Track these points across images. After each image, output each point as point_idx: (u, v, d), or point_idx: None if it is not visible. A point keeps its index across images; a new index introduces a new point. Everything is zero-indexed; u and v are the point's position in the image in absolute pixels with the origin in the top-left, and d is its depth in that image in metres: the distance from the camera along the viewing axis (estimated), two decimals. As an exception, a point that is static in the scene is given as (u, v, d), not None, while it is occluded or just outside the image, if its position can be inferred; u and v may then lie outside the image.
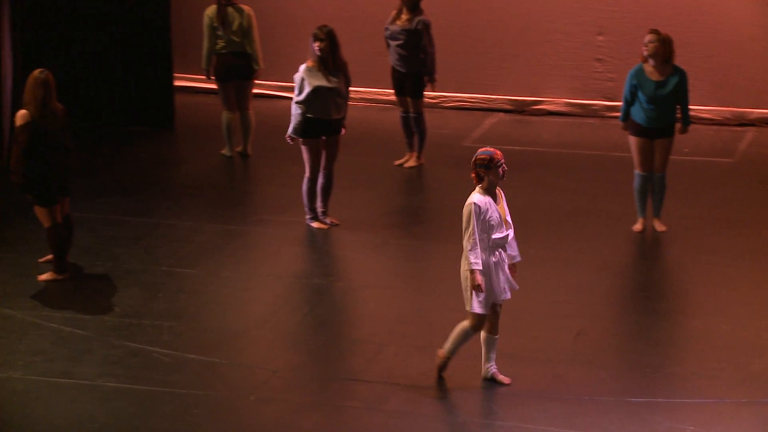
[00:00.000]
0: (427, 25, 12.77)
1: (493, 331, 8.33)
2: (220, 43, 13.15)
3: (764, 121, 14.37)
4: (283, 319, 9.55)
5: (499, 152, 8.19)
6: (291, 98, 11.19)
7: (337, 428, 7.91)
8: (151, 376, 8.56)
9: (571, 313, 9.47)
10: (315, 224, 11.40)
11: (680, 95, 10.93)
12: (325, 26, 11.08)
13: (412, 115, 13.06)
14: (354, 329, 9.51)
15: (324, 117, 11.09)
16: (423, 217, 12.01)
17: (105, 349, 8.95)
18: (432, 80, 12.92)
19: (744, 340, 9.01)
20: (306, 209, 11.43)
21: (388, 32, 12.92)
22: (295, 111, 11.08)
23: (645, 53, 10.87)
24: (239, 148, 13.53)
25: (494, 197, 8.21)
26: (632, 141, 11.10)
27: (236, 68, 13.20)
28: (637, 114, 10.98)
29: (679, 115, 11.05)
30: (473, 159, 8.23)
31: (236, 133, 13.45)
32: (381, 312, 9.70)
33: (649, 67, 10.90)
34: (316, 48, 10.97)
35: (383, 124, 14.54)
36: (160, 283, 10.12)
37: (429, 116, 13.31)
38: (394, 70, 13.02)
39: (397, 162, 13.22)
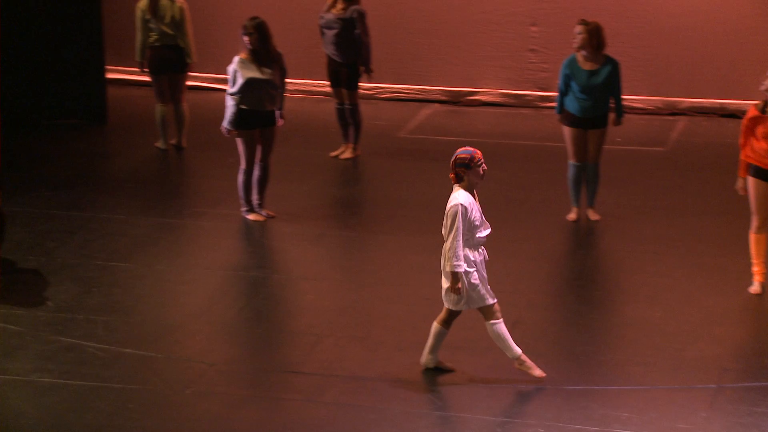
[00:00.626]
0: (362, 15, 12.75)
1: (447, 325, 8.35)
2: (153, 36, 13.07)
3: (695, 111, 14.53)
4: (220, 312, 9.51)
5: (478, 152, 8.13)
6: (226, 90, 11.15)
7: (275, 421, 7.90)
8: (85, 371, 8.49)
9: (508, 302, 9.51)
10: (251, 216, 11.37)
11: (613, 86, 11.02)
12: (255, 18, 11.04)
13: (347, 106, 13.05)
14: (292, 321, 9.50)
15: (258, 109, 11.06)
16: (359, 208, 12.02)
17: (39, 344, 8.86)
18: (368, 71, 12.90)
19: (677, 327, 9.12)
20: (242, 201, 11.39)
21: (323, 20, 12.89)
22: (229, 103, 11.04)
23: (574, 45, 10.94)
24: (173, 141, 13.46)
25: (474, 196, 8.17)
26: (566, 131, 11.17)
27: (169, 61, 13.12)
28: (571, 104, 11.05)
29: (612, 106, 11.14)
30: (453, 159, 8.14)
31: (170, 126, 13.38)
32: (319, 304, 9.70)
33: (581, 57, 10.97)
34: (246, 41, 10.94)
35: (318, 116, 14.52)
36: (95, 278, 10.04)
37: (364, 107, 13.31)
38: (329, 60, 12.99)
39: (333, 153, 13.21)
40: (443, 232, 8.15)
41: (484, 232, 8.22)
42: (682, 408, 7.93)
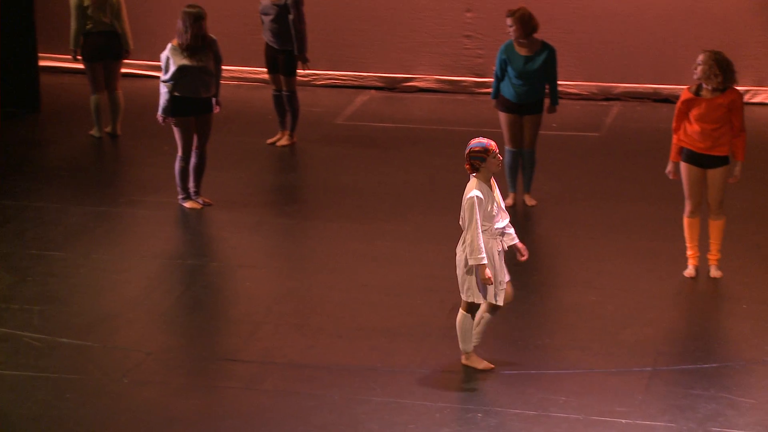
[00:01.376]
0: (297, 1, 12.71)
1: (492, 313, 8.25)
2: (89, 23, 12.94)
3: (629, 96, 14.64)
4: (157, 300, 9.46)
5: (492, 142, 8.07)
6: (158, 77, 11.07)
7: (213, 409, 7.87)
8: (21, 361, 8.41)
9: (447, 288, 9.54)
10: (188, 204, 11.31)
11: (549, 72, 11.07)
12: (193, 6, 10.96)
13: (284, 93, 13.01)
14: (230, 309, 9.47)
15: (193, 96, 11.00)
16: (297, 195, 11.99)
17: (-26, 335, 8.78)
18: (303, 59, 12.88)
19: (613, 311, 9.20)
20: (179, 189, 11.32)
21: (261, 7, 12.85)
22: (163, 90, 10.97)
23: (512, 36, 10.95)
24: (108, 129, 13.34)
25: (490, 186, 8.11)
26: (502, 117, 11.21)
27: (105, 48, 13.01)
28: (507, 90, 11.09)
29: (548, 92, 11.20)
30: (467, 150, 8.07)
31: (105, 114, 13.27)
32: (257, 291, 9.67)
33: (518, 43, 11.01)
34: (180, 27, 10.88)
35: (255, 103, 14.46)
36: (29, 267, 9.94)
37: (301, 94, 13.27)
38: (267, 47, 12.94)
39: (270, 141, 13.17)
40: (461, 225, 8.08)
41: (502, 222, 8.13)
42: (618, 391, 8.00)
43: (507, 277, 8.22)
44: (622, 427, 7.59)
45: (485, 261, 7.97)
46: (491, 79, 11.27)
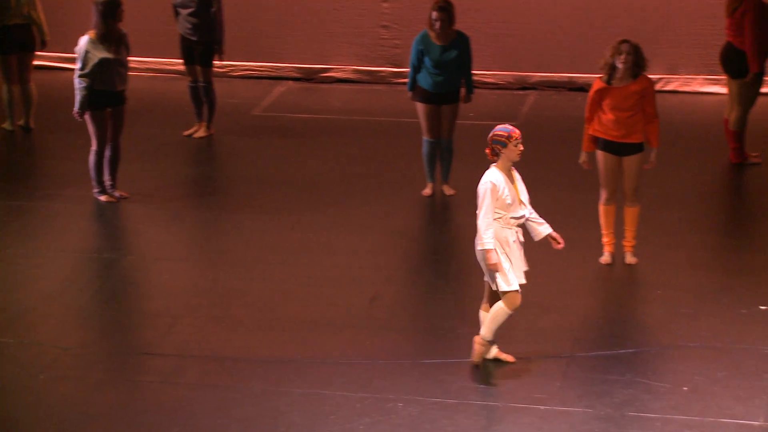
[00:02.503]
0: (219, -8, 12.69)
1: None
2: (5, 15, 12.77)
3: (545, 85, 14.75)
4: (74, 295, 9.36)
5: (517, 130, 8.03)
6: (73, 70, 10.94)
7: (132, 404, 7.81)
8: (-65, 359, 8.28)
9: (365, 278, 9.56)
10: (103, 198, 11.20)
11: (464, 62, 11.12)
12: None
13: (201, 84, 12.94)
14: (147, 303, 9.40)
15: (109, 89, 10.90)
16: (214, 187, 11.93)
17: None
18: (220, 51, 12.84)
19: (531, 298, 9.25)
20: (93, 183, 11.21)
21: (178, 0, 12.78)
22: (79, 85, 10.84)
23: (436, 28, 10.96)
24: (21, 122, 13.17)
25: (509, 176, 8.06)
26: (419, 107, 11.24)
27: (21, 40, 12.85)
28: (424, 80, 11.12)
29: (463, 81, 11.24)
30: (490, 134, 8.05)
31: (17, 106, 13.10)
32: (175, 284, 9.61)
33: (434, 33, 11.04)
34: (102, 20, 10.78)
35: (170, 95, 14.36)
36: (-57, 263, 9.80)
37: (217, 85, 13.20)
38: (183, 39, 12.86)
39: (186, 132, 13.09)
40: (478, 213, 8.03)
41: (520, 212, 8.09)
42: (537, 378, 8.07)
43: (525, 268, 8.18)
44: (541, 413, 7.65)
45: (491, 246, 7.92)
46: (408, 70, 11.29)
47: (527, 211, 8.14)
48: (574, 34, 14.57)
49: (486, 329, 8.13)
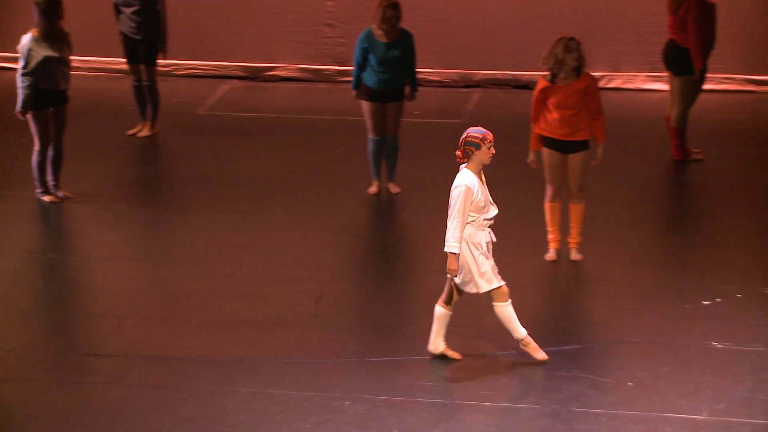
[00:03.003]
0: (163, -9, 12.62)
1: (449, 307, 8.21)
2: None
3: (489, 82, 14.80)
4: (17, 296, 9.27)
5: (490, 133, 7.99)
6: (13, 69, 10.83)
7: (76, 405, 7.75)
8: None
9: (312, 276, 9.55)
10: (47, 198, 11.10)
11: (408, 59, 11.13)
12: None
13: (145, 83, 12.86)
14: (92, 303, 9.33)
15: (52, 87, 10.82)
16: (159, 187, 11.86)
17: None
18: (163, 50, 12.77)
19: (477, 296, 9.27)
20: (36, 183, 11.11)
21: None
22: (22, 83, 10.74)
23: (390, 24, 10.94)
24: (-38, 122, 13.04)
25: (480, 178, 8.04)
26: (365, 106, 11.24)
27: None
28: (369, 78, 11.12)
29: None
30: (463, 136, 7.99)
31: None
32: (120, 284, 9.55)
33: (378, 30, 11.04)
34: (44, 19, 10.69)
35: (114, 94, 14.26)
36: None
37: (161, 84, 13.12)
38: (126, 38, 12.78)
39: (131, 132, 13.00)
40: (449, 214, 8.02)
41: (491, 213, 8.10)
42: (483, 374, 8.10)
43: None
44: (488, 410, 7.68)
45: (456, 251, 7.94)
46: (353, 68, 11.27)
47: (497, 212, 8.18)
48: (519, 32, 14.63)
49: (512, 331, 8.15)
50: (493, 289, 8.12)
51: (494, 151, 8.06)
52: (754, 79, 14.35)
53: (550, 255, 9.93)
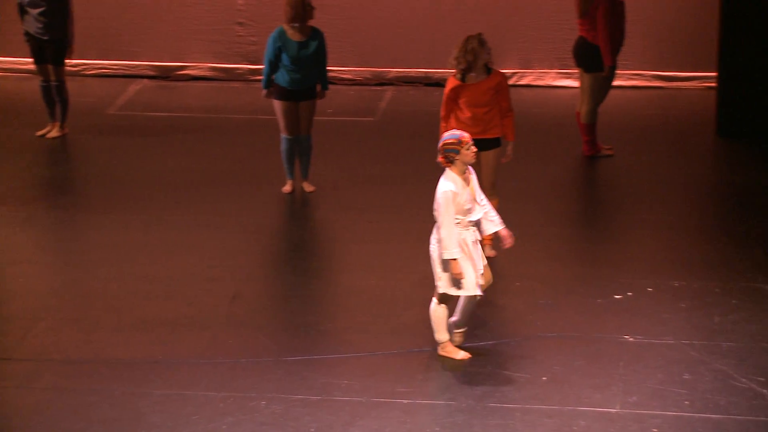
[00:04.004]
0: (70, -9, 12.50)
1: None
2: None
3: (402, 80, 14.84)
4: (-75, 301, 9.11)
5: (466, 134, 8.02)
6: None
7: (-12, 410, 7.64)
8: None
9: (226, 276, 9.51)
10: (-46, 200, 10.93)
11: (319, 57, 11.12)
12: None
13: (53, 83, 12.72)
14: (2, 307, 9.19)
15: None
16: (70, 188, 11.73)
17: None
18: (70, 50, 12.67)
19: (393, 293, 9.32)
20: (-57, 185, 10.93)
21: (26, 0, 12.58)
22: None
23: (294, 22, 10.93)
24: None
25: (465, 179, 8.02)
26: (277, 105, 11.21)
27: None
28: (281, 77, 11.09)
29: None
30: (440, 145, 8.01)
31: None
32: (30, 287, 9.42)
33: (290, 29, 11.02)
34: None
35: (22, 95, 14.08)
36: None
37: (70, 84, 12.99)
38: (32, 38, 12.63)
39: (39, 132, 12.85)
40: (435, 216, 8.00)
41: (475, 216, 8.10)
42: (400, 372, 8.12)
43: (484, 262, 8.21)
44: (404, 407, 7.70)
45: (458, 256, 7.96)
46: (264, 67, 11.23)
47: (482, 211, 8.20)
48: (430, 29, 14.69)
49: (436, 332, 8.21)
50: (469, 296, 8.14)
51: (475, 149, 8.13)
52: (663, 75, 14.57)
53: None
